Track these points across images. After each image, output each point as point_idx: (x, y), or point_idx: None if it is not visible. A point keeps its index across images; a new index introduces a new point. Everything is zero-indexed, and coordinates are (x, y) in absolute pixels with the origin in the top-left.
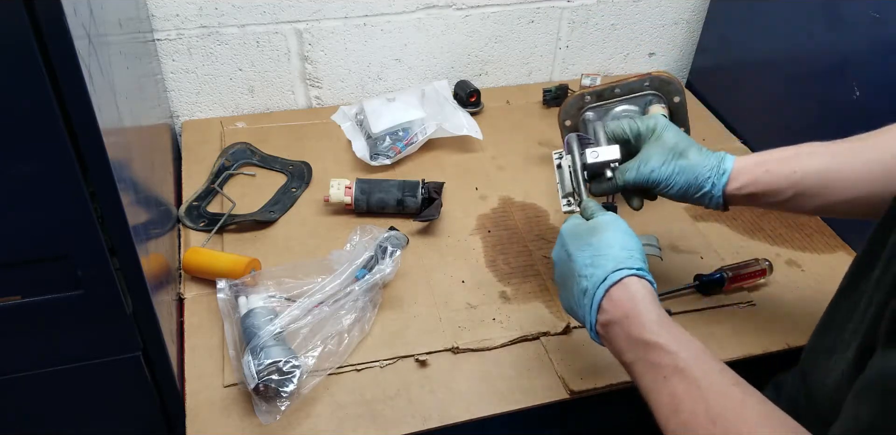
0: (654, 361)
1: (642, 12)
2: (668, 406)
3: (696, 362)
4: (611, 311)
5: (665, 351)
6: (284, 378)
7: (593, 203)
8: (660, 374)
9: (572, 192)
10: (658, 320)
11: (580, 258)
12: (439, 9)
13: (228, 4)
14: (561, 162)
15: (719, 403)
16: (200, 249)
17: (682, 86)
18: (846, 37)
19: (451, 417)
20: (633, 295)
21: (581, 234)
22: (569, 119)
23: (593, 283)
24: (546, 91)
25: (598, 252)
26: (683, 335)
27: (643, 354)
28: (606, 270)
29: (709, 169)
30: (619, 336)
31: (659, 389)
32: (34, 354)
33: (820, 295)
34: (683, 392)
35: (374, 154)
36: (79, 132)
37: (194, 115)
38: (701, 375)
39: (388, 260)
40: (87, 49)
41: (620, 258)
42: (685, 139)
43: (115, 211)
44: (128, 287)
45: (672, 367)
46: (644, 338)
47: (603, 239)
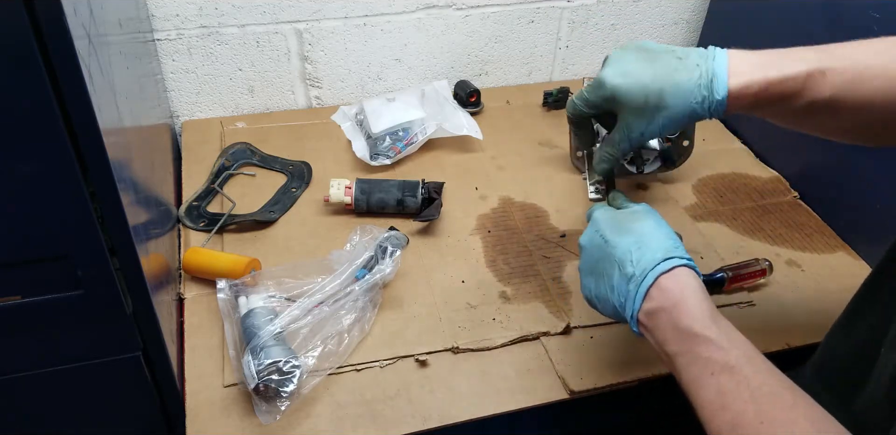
0: (703, 355)
1: (642, 12)
2: (714, 403)
3: (748, 361)
4: (659, 298)
5: (715, 346)
6: (284, 378)
7: (622, 195)
8: (707, 369)
9: (602, 180)
10: (710, 314)
11: (622, 243)
12: (439, 9)
13: (228, 4)
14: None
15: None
16: (200, 249)
17: None
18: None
19: (451, 417)
20: (683, 285)
21: (619, 219)
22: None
23: (642, 268)
24: (547, 94)
25: (642, 238)
26: (735, 332)
27: (691, 346)
28: (656, 257)
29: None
30: (665, 326)
31: (705, 384)
32: (34, 354)
33: (820, 295)
34: (732, 390)
35: (374, 154)
36: (79, 132)
37: (194, 115)
38: (751, 375)
39: (388, 260)
40: (87, 49)
41: (668, 247)
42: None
43: (115, 211)
44: (128, 287)
45: (722, 363)
46: (694, 330)
47: (645, 226)
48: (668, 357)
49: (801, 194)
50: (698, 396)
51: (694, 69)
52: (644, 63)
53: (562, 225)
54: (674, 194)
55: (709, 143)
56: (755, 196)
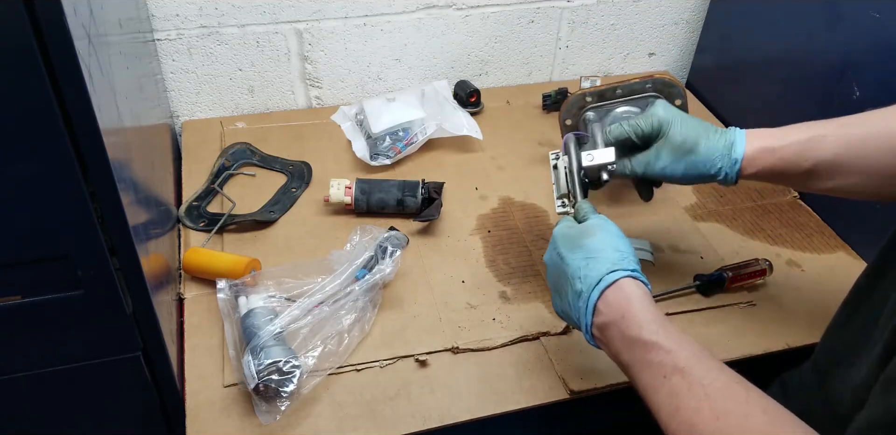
0: (653, 360)
1: (642, 12)
2: (669, 405)
3: (696, 361)
4: (606, 312)
5: (664, 350)
6: (284, 378)
7: (587, 205)
8: (659, 373)
9: (567, 194)
10: (655, 320)
11: (573, 260)
12: (439, 9)
13: (228, 4)
14: (557, 163)
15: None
16: (200, 249)
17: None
18: (846, 37)
19: (451, 417)
20: (628, 296)
21: (573, 236)
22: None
23: (588, 285)
24: (545, 96)
25: (590, 254)
26: (681, 335)
27: (641, 353)
28: (601, 271)
29: (720, 160)
30: (615, 337)
31: (658, 388)
32: (34, 354)
33: (820, 295)
34: (685, 390)
35: (374, 154)
36: (79, 132)
37: (194, 115)
38: (702, 373)
39: (388, 260)
40: (87, 49)
41: (614, 260)
42: (692, 132)
43: (115, 211)
44: (128, 287)
45: (671, 366)
46: (642, 338)
47: (595, 241)
48: (623, 368)
49: (801, 194)
50: (654, 401)
51: (722, 134)
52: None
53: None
54: (674, 194)
55: None
56: (755, 196)
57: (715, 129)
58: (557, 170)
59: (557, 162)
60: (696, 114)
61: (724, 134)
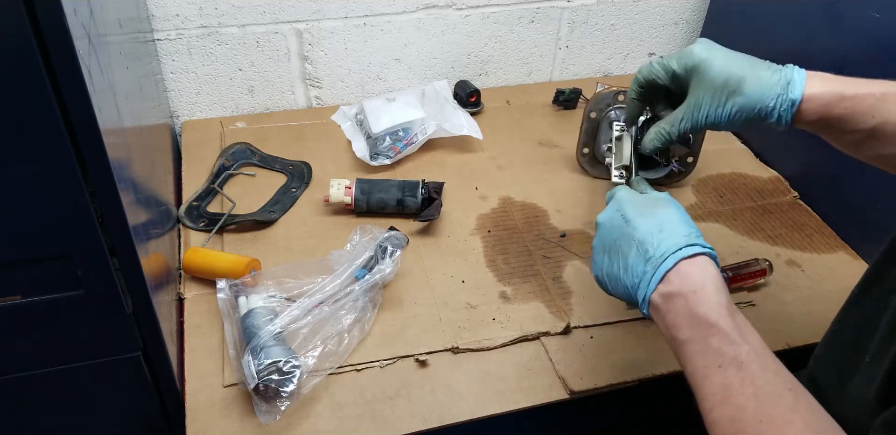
0: (714, 345)
1: (642, 12)
2: (716, 395)
3: (757, 358)
4: (677, 282)
5: (728, 339)
6: (284, 378)
7: (645, 183)
8: (715, 361)
9: (627, 166)
10: (727, 305)
11: (644, 225)
12: (439, 9)
13: (228, 4)
14: (622, 135)
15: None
16: (200, 249)
17: None
18: (846, 37)
19: (451, 417)
20: (704, 273)
21: (642, 202)
22: (595, 112)
23: (662, 251)
24: (559, 92)
25: (664, 223)
26: (749, 327)
27: (704, 335)
28: (678, 242)
29: (773, 101)
30: (680, 310)
31: (711, 375)
32: (34, 354)
33: (820, 295)
34: (737, 386)
35: (374, 154)
36: (79, 132)
37: (194, 115)
38: (758, 373)
39: (388, 260)
40: (87, 49)
41: (691, 235)
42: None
43: (115, 211)
44: (128, 287)
45: (731, 357)
46: (709, 319)
47: (668, 212)
48: (676, 343)
49: (801, 194)
50: (702, 387)
51: (776, 71)
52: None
53: (562, 225)
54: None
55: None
56: (755, 196)
57: (767, 66)
58: (621, 141)
59: (623, 134)
60: None
61: (779, 71)
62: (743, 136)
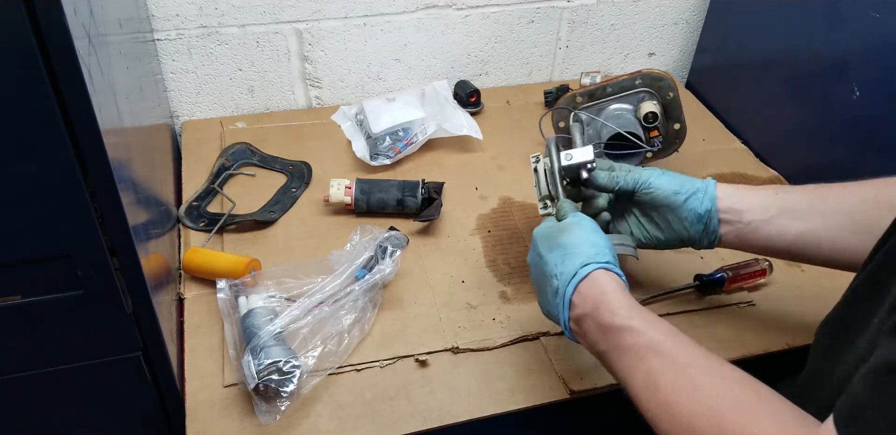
0: (628, 343)
1: (642, 12)
2: (646, 383)
3: (671, 339)
4: (581, 305)
5: (637, 332)
6: (284, 378)
7: (568, 204)
8: (635, 355)
9: (549, 195)
10: (628, 306)
11: (551, 259)
12: (439, 9)
13: (228, 4)
14: (537, 166)
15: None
16: (200, 249)
17: (674, 81)
18: (846, 37)
19: (451, 417)
20: (601, 287)
21: (551, 235)
22: (562, 120)
23: (563, 281)
24: (547, 93)
25: (566, 251)
26: (654, 317)
27: (616, 339)
28: (575, 266)
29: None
30: (591, 328)
31: (635, 369)
32: (34, 354)
33: (820, 295)
34: (661, 368)
35: (374, 154)
36: (79, 132)
37: (194, 115)
38: (677, 351)
39: (388, 260)
40: (87, 49)
41: (589, 254)
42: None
43: (115, 211)
44: (128, 287)
45: (646, 346)
46: (615, 324)
47: (571, 237)
48: (601, 358)
49: None
50: (632, 384)
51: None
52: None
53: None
54: None
55: (709, 143)
56: None
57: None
58: (538, 173)
59: (538, 165)
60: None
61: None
62: (743, 136)
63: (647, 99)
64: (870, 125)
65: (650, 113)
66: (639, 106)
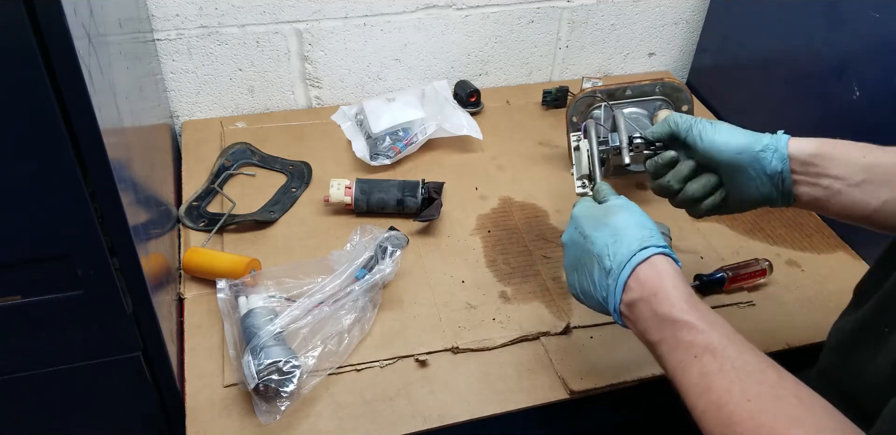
0: (685, 339)
1: (642, 12)
2: (698, 385)
3: (729, 342)
4: (637, 289)
5: (696, 330)
6: (284, 378)
7: (607, 186)
8: (689, 352)
9: (588, 175)
10: (687, 299)
11: (599, 238)
12: (439, 9)
13: (228, 4)
14: (579, 144)
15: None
16: (200, 249)
17: (691, 95)
18: (846, 37)
19: (451, 417)
20: (660, 273)
21: (596, 215)
22: (576, 115)
23: (618, 262)
24: (546, 93)
25: (617, 232)
26: (713, 315)
27: (672, 332)
28: (631, 248)
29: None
30: (645, 315)
31: (688, 367)
32: (34, 354)
33: (820, 295)
34: (716, 371)
35: (374, 154)
36: (79, 132)
37: (194, 115)
38: (734, 355)
39: (388, 260)
40: (87, 49)
41: (643, 237)
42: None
43: (115, 211)
44: (128, 287)
45: (703, 345)
46: (673, 316)
47: (620, 219)
48: (651, 346)
49: None
50: (683, 381)
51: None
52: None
53: (562, 225)
54: None
55: None
56: None
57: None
58: (579, 151)
59: (580, 143)
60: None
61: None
62: None
63: (665, 107)
64: (870, 125)
65: None
66: (655, 113)
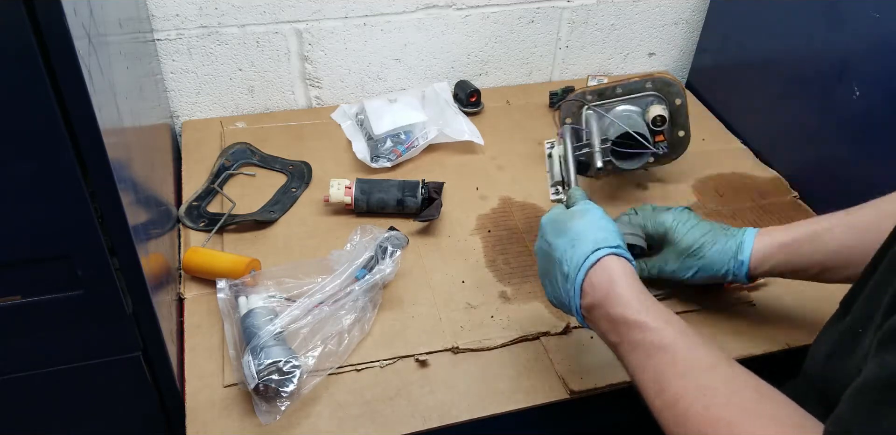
0: (638, 339)
1: (642, 12)
2: (655, 383)
3: (682, 338)
4: (592, 293)
5: (648, 329)
6: (284, 378)
7: (579, 192)
8: (644, 352)
9: (561, 181)
10: (638, 298)
11: (560, 244)
12: (439, 9)
13: (228, 4)
14: (552, 151)
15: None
16: (200, 248)
17: (683, 88)
18: (846, 37)
19: (451, 417)
20: (611, 274)
21: (560, 220)
22: (569, 117)
23: (573, 266)
24: (552, 94)
25: (575, 236)
26: (666, 312)
27: (626, 333)
28: (585, 251)
29: (727, 263)
30: (601, 318)
31: (644, 367)
32: (34, 354)
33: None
34: (670, 368)
35: (375, 156)
36: (79, 132)
37: (194, 115)
38: (686, 352)
39: (388, 260)
40: (87, 49)
41: (598, 239)
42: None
43: (115, 211)
44: (128, 287)
45: (657, 344)
46: (626, 317)
47: (580, 223)
48: (612, 348)
49: (801, 194)
50: (640, 380)
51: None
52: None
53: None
54: (674, 194)
55: (709, 143)
56: (755, 196)
57: (724, 232)
58: (552, 158)
59: (552, 150)
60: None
61: (733, 236)
62: (743, 136)
63: (656, 103)
64: (870, 125)
65: (658, 116)
66: (647, 109)
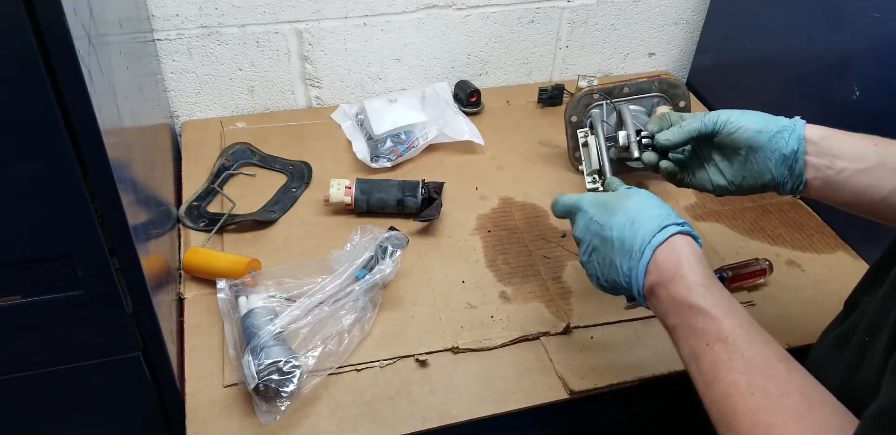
0: (698, 326)
1: (642, 12)
2: (708, 374)
3: (742, 331)
4: (656, 273)
5: (710, 316)
6: (284, 378)
7: (618, 180)
8: (702, 340)
9: (598, 170)
10: (704, 283)
11: (616, 223)
12: (439, 9)
13: (228, 4)
14: (587, 140)
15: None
16: (200, 248)
17: (687, 91)
18: (846, 37)
19: (451, 417)
20: (679, 255)
21: (608, 201)
22: (575, 115)
23: (639, 244)
24: (542, 90)
25: (634, 214)
26: (730, 301)
27: (687, 317)
28: (651, 229)
29: (783, 127)
30: (664, 299)
31: (701, 355)
32: (34, 354)
33: (820, 295)
34: (725, 361)
35: (375, 156)
36: (79, 132)
37: (194, 115)
38: (745, 346)
39: (388, 260)
40: (87, 49)
41: (661, 215)
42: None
43: (115, 211)
44: (128, 287)
45: (715, 334)
46: (689, 300)
47: (635, 202)
48: (669, 331)
49: None
50: (694, 368)
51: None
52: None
53: (562, 225)
54: (674, 194)
55: None
56: (755, 196)
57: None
58: (588, 147)
59: (588, 139)
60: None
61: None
62: None
63: (662, 103)
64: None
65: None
66: (654, 110)
